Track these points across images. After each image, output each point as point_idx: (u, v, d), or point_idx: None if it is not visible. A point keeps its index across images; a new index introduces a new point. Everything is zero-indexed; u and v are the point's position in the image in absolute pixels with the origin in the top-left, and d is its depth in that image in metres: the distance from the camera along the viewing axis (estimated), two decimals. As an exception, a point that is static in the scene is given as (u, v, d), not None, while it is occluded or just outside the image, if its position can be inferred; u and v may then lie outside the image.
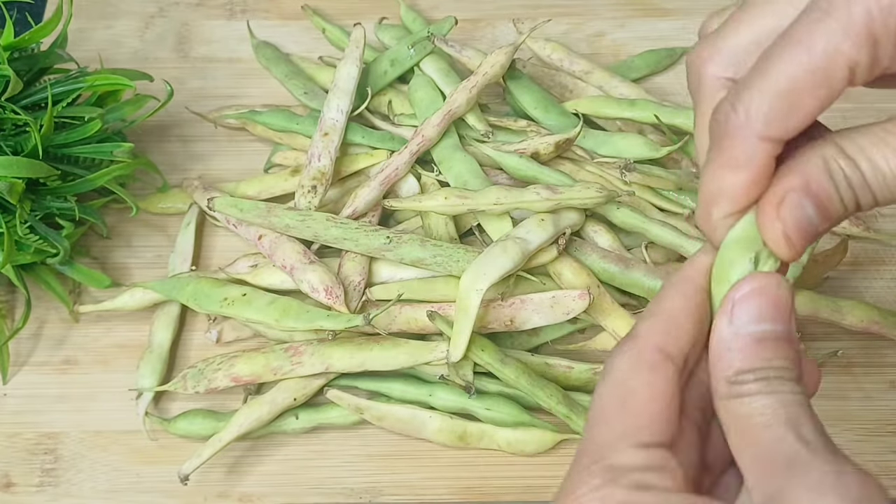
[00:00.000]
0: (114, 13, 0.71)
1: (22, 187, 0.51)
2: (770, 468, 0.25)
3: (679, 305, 0.29)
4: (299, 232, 0.55)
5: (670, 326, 0.29)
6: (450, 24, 0.64)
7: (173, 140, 0.65)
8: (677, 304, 0.29)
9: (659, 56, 0.68)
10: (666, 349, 0.29)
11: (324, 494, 0.52)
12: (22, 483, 0.52)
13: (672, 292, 0.30)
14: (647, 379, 0.28)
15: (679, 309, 0.29)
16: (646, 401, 0.28)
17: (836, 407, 0.54)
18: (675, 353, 0.29)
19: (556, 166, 0.58)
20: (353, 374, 0.53)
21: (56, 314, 0.58)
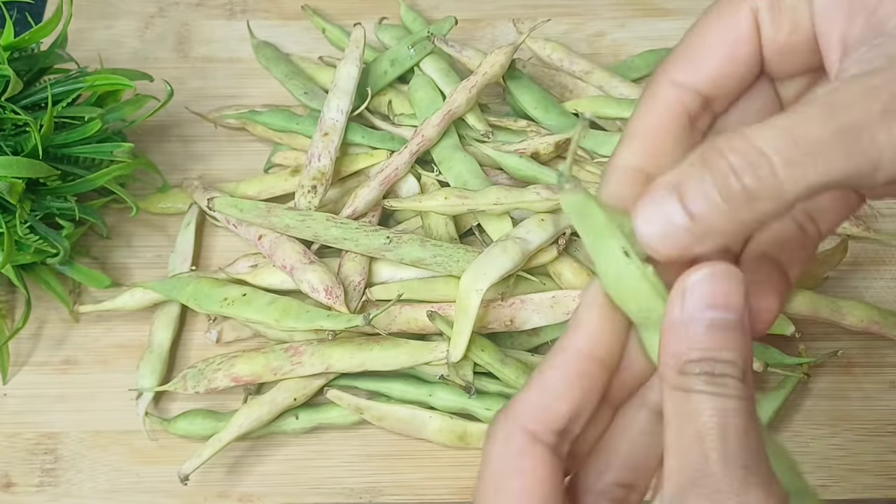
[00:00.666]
0: (114, 13, 0.71)
1: (22, 187, 0.51)
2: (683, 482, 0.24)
3: (554, 378, 0.27)
4: (299, 232, 0.55)
5: (542, 404, 0.27)
6: (450, 24, 0.64)
7: (173, 140, 0.65)
8: (553, 376, 0.27)
9: (659, 56, 0.68)
10: (536, 431, 0.26)
11: (324, 494, 0.52)
12: (22, 483, 0.52)
13: (549, 362, 0.28)
14: (518, 466, 0.26)
15: (555, 382, 0.27)
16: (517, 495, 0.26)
17: (836, 407, 0.54)
18: (547, 433, 0.27)
19: (556, 166, 0.58)
20: (353, 374, 0.53)
21: (56, 314, 0.58)
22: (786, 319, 0.54)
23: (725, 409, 0.25)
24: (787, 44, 0.28)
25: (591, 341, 0.27)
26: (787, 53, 0.28)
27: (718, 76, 0.29)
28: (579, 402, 0.27)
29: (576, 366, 0.27)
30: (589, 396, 0.27)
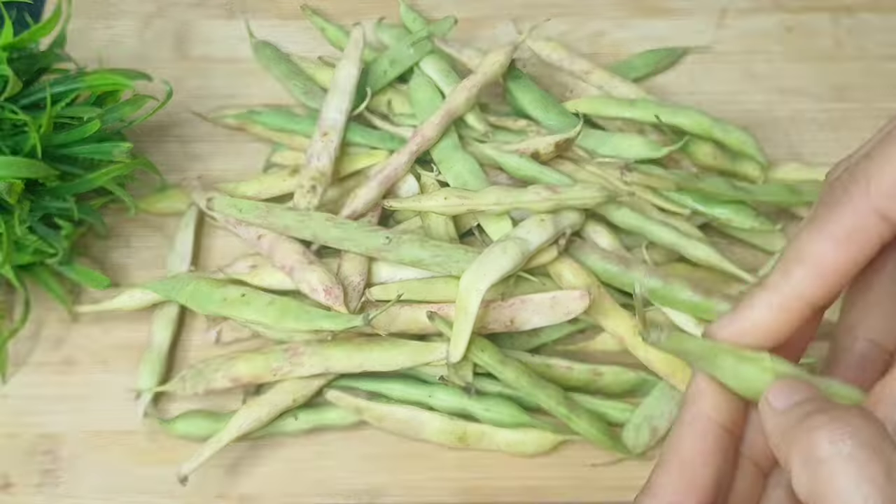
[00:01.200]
0: (113, 13, 0.71)
1: (21, 187, 0.51)
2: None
3: (692, 450, 0.26)
4: (298, 232, 0.54)
5: (686, 480, 0.26)
6: (450, 24, 0.64)
7: (172, 140, 0.65)
8: (690, 448, 0.26)
9: (659, 56, 0.68)
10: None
11: (323, 495, 0.52)
12: (21, 483, 0.52)
13: (680, 433, 0.27)
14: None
15: (693, 454, 0.26)
16: None
17: (837, 407, 0.54)
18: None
19: (556, 166, 0.58)
20: (352, 375, 0.53)
21: (55, 314, 0.58)
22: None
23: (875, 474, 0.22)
24: None
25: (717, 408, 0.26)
26: None
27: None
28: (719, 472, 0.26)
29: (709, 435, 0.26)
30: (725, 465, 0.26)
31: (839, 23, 0.70)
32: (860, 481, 0.22)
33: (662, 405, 0.52)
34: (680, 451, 0.26)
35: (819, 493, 0.23)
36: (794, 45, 0.69)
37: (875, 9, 0.70)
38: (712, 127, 0.58)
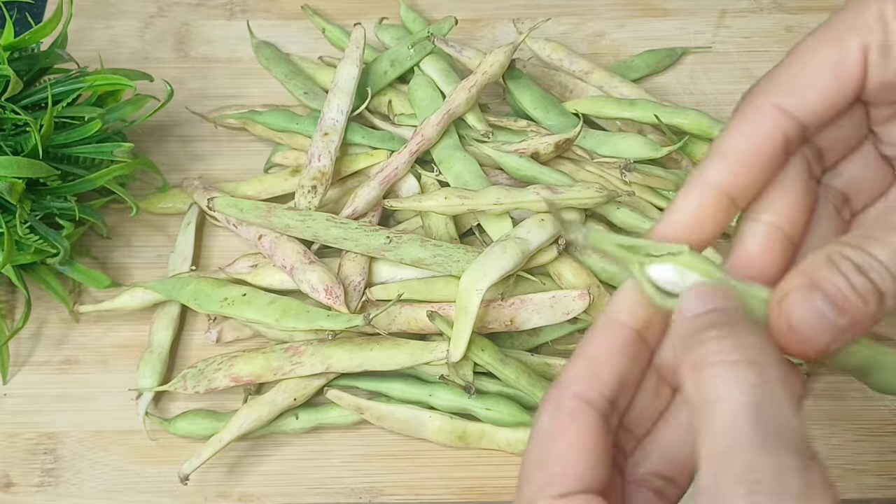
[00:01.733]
0: (114, 13, 0.71)
1: (22, 187, 0.51)
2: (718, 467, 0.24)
3: (599, 347, 0.29)
4: (299, 232, 0.55)
5: (589, 370, 0.28)
6: (450, 24, 0.64)
7: (173, 140, 0.65)
8: (598, 346, 0.29)
9: (659, 56, 0.68)
10: (585, 395, 0.28)
11: (324, 494, 0.52)
12: (22, 483, 0.52)
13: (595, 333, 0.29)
14: (566, 428, 0.28)
15: (600, 351, 0.29)
16: (564, 450, 0.27)
17: (836, 407, 0.54)
18: (596, 397, 0.28)
19: (556, 166, 0.58)
20: (353, 374, 0.53)
21: (56, 314, 0.58)
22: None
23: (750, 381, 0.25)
24: (892, 82, 0.29)
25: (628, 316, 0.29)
26: (890, 89, 0.29)
27: (822, 106, 0.29)
28: (624, 370, 0.28)
29: (618, 336, 0.29)
30: (632, 365, 0.29)
31: (839, 23, 0.70)
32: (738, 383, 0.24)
33: (662, 405, 0.52)
34: (588, 348, 0.29)
35: (702, 396, 0.25)
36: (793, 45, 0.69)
37: (875, 9, 0.70)
38: (712, 127, 0.58)
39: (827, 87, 0.28)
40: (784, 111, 0.29)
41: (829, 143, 0.31)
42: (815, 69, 0.29)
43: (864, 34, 0.28)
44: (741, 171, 0.29)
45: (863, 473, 0.52)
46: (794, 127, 0.29)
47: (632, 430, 0.30)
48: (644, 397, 0.30)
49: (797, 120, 0.29)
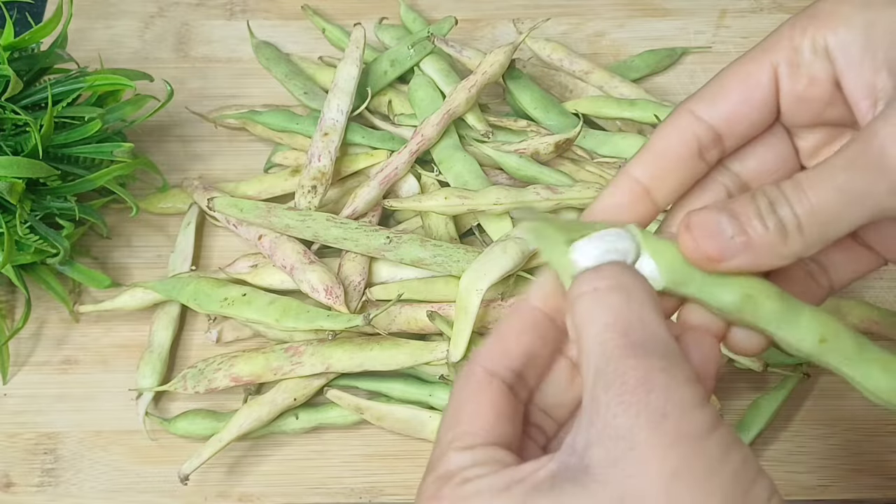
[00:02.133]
0: (114, 13, 0.71)
1: (22, 187, 0.51)
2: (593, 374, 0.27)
3: (511, 327, 0.32)
4: (299, 232, 0.55)
5: (498, 347, 0.31)
6: (450, 24, 0.64)
7: (173, 140, 0.65)
8: (509, 326, 0.32)
9: (659, 56, 0.68)
10: (492, 368, 0.31)
11: (324, 494, 0.52)
12: (22, 483, 0.52)
13: (508, 316, 0.33)
14: (473, 395, 0.30)
15: (510, 330, 0.32)
16: (470, 412, 0.30)
17: (836, 407, 0.54)
18: (501, 370, 0.31)
19: (556, 166, 0.58)
20: (353, 374, 0.53)
21: (56, 314, 0.58)
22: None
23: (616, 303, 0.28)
24: (803, 96, 0.32)
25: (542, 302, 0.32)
26: (803, 103, 0.32)
27: (732, 116, 0.32)
28: (530, 346, 0.32)
29: (528, 317, 0.32)
30: (540, 344, 0.32)
31: (839, 23, 0.70)
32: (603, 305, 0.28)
33: (662, 405, 0.52)
34: (500, 327, 0.32)
35: (577, 325, 0.29)
36: (793, 46, 0.69)
37: (875, 9, 0.70)
38: (712, 127, 0.58)
39: (737, 96, 0.32)
40: (696, 116, 0.32)
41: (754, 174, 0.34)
42: (729, 82, 0.33)
43: (775, 54, 0.32)
44: (657, 167, 0.33)
45: (863, 473, 0.52)
46: (706, 130, 0.32)
47: (550, 414, 0.33)
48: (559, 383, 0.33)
49: (708, 124, 0.32)
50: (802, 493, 0.51)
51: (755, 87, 0.32)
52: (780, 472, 0.52)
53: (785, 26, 0.32)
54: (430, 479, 0.29)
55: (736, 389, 0.54)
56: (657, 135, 0.33)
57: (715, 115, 0.32)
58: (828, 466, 0.52)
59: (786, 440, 0.53)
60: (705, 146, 0.33)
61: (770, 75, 0.32)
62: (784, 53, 0.32)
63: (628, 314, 0.28)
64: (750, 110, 0.32)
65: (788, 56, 0.32)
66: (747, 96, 0.32)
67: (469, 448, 0.29)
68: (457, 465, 0.29)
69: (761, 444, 0.52)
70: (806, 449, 0.53)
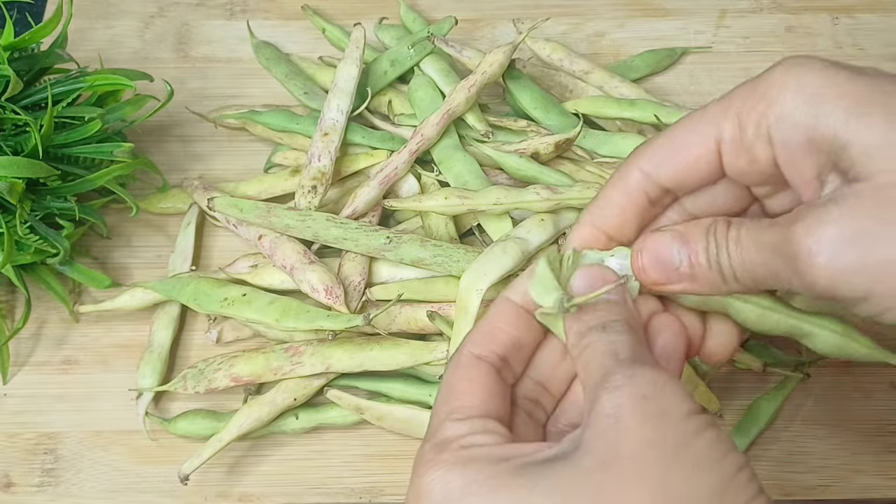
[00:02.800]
0: (114, 13, 0.71)
1: (22, 187, 0.51)
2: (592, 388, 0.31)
3: (494, 318, 0.35)
4: (299, 232, 0.55)
5: (485, 334, 0.35)
6: (450, 24, 0.64)
7: (173, 140, 0.65)
8: (493, 317, 0.35)
9: (659, 56, 0.68)
10: (479, 353, 0.34)
11: (324, 494, 0.52)
12: (22, 483, 0.52)
13: (490, 310, 0.36)
14: (463, 375, 0.34)
15: (494, 320, 0.35)
16: (462, 389, 0.33)
17: (836, 407, 0.54)
18: (488, 354, 0.34)
19: (556, 166, 0.58)
20: (353, 374, 0.53)
21: (56, 314, 0.58)
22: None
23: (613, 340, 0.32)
24: (745, 170, 0.34)
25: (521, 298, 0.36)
26: (746, 175, 0.34)
27: (679, 176, 0.35)
28: (514, 334, 0.35)
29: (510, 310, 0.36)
30: (523, 333, 0.35)
31: (839, 23, 0.70)
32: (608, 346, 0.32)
33: (662, 405, 0.52)
34: (485, 318, 0.36)
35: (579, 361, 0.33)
36: (793, 45, 0.69)
37: (875, 9, 0.70)
38: (712, 127, 0.58)
39: (683, 159, 0.35)
40: (645, 174, 0.35)
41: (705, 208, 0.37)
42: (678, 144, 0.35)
43: (720, 127, 0.33)
44: (613, 216, 0.36)
45: (863, 473, 0.52)
46: (655, 187, 0.35)
47: (548, 389, 0.36)
48: (552, 359, 0.36)
49: (656, 182, 0.35)
50: (802, 493, 0.51)
51: (701, 155, 0.34)
52: (780, 472, 0.52)
53: (736, 97, 0.33)
54: (428, 446, 0.32)
55: (736, 389, 0.54)
56: (610, 186, 0.36)
57: (663, 175, 0.35)
58: (828, 466, 0.52)
59: (786, 440, 0.53)
60: (655, 199, 0.36)
61: (714, 147, 0.34)
62: (729, 130, 0.33)
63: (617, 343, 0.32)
64: (697, 172, 0.35)
65: (733, 134, 0.33)
66: (694, 161, 0.34)
67: (466, 419, 0.32)
68: (454, 433, 0.32)
69: (761, 444, 0.52)
70: (806, 449, 0.53)
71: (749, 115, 0.33)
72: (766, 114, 0.32)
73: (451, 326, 0.50)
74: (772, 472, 0.52)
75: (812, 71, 0.31)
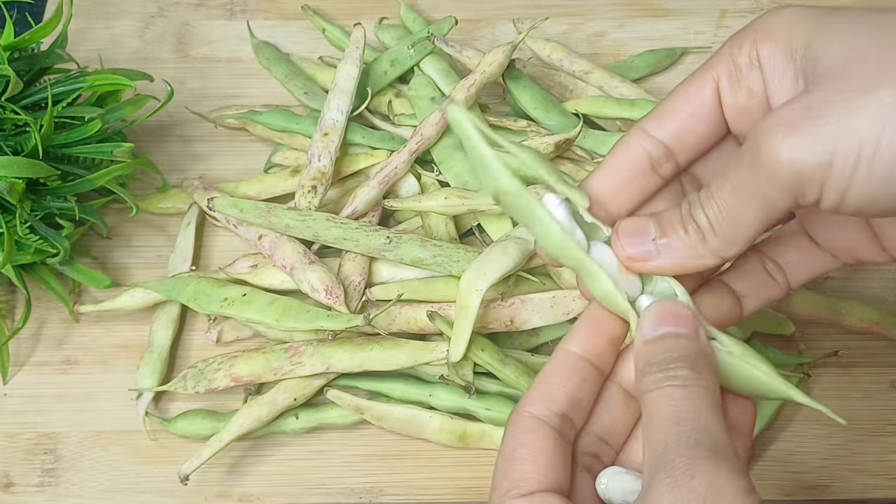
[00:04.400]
0: (114, 13, 0.71)
1: (22, 187, 0.51)
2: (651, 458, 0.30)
3: (552, 373, 0.34)
4: (299, 232, 0.55)
5: (542, 392, 0.34)
6: (450, 24, 0.64)
7: (173, 140, 0.65)
8: (551, 372, 0.34)
9: (659, 56, 0.68)
10: (539, 413, 0.33)
11: (324, 494, 0.52)
12: (22, 483, 0.52)
13: (548, 363, 0.35)
14: (525, 440, 0.33)
15: (552, 377, 0.34)
16: (522, 459, 0.32)
17: (837, 407, 0.53)
18: (548, 415, 0.33)
19: (557, 166, 0.58)
20: (353, 374, 0.53)
21: (56, 314, 0.58)
22: (786, 319, 0.54)
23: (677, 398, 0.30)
24: (745, 107, 0.34)
25: (581, 346, 0.35)
26: (746, 115, 0.34)
27: (680, 131, 0.35)
28: (574, 391, 0.34)
29: (569, 363, 0.34)
30: (583, 388, 0.34)
31: (839, 23, 0.70)
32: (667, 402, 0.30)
33: (662, 405, 0.52)
34: (542, 375, 0.34)
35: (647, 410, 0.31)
36: (793, 46, 0.69)
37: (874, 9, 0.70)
38: (712, 127, 0.58)
39: (683, 112, 0.34)
40: (647, 134, 0.35)
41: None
42: (676, 100, 0.35)
43: (716, 70, 0.34)
44: (610, 182, 0.35)
45: (863, 473, 0.52)
46: (656, 146, 0.35)
47: (608, 442, 0.35)
48: (612, 412, 0.35)
49: (658, 140, 0.35)
50: (802, 493, 0.51)
51: (700, 102, 0.34)
52: (780, 472, 0.52)
53: (726, 44, 0.34)
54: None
55: (736, 389, 0.54)
56: (611, 153, 0.36)
57: (664, 131, 0.35)
58: (828, 466, 0.52)
59: (786, 440, 0.53)
60: (657, 161, 0.35)
61: (713, 90, 0.34)
62: (724, 68, 0.34)
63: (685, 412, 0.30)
64: (697, 124, 0.34)
65: (729, 70, 0.34)
66: (693, 112, 0.34)
67: (526, 495, 0.31)
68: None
69: (761, 444, 0.52)
70: (806, 449, 0.53)
71: (741, 52, 0.33)
72: (756, 42, 0.33)
73: (451, 326, 0.50)
74: (772, 472, 0.52)
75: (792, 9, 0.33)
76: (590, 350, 0.34)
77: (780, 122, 0.29)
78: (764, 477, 0.52)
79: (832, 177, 0.29)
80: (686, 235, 0.33)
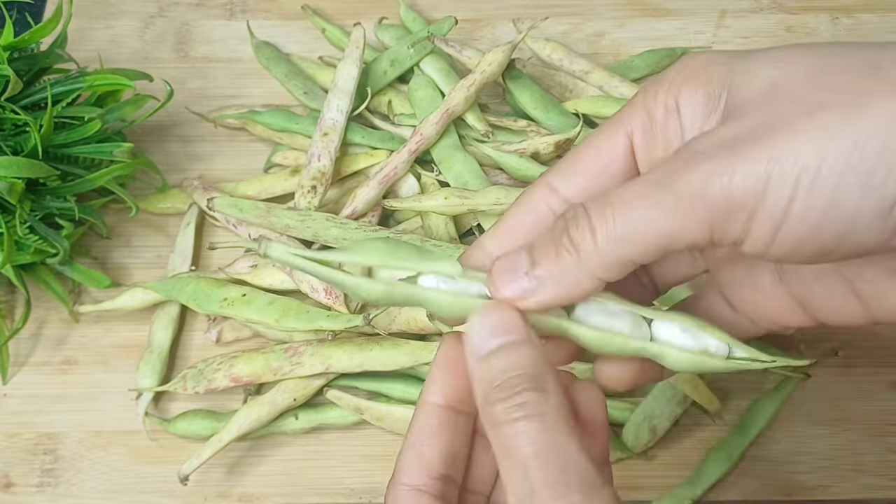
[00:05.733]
0: (114, 13, 0.71)
1: (22, 187, 0.51)
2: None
3: (420, 434, 0.32)
4: (299, 232, 0.55)
5: (415, 459, 0.31)
6: (450, 24, 0.64)
7: (173, 140, 0.65)
8: (418, 433, 0.32)
9: (659, 56, 0.68)
10: (416, 484, 0.31)
11: (324, 494, 0.52)
12: (22, 483, 0.52)
13: (414, 422, 0.32)
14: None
15: (421, 437, 0.32)
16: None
17: (837, 407, 0.54)
18: (426, 482, 0.31)
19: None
20: (352, 375, 0.53)
21: (56, 314, 0.58)
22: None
23: (533, 434, 0.28)
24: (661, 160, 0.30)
25: (443, 396, 0.32)
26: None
27: (589, 189, 0.32)
28: (447, 447, 0.31)
29: (436, 419, 0.32)
30: (456, 441, 0.32)
31: (839, 23, 0.70)
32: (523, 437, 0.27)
33: (662, 404, 0.52)
34: (411, 436, 0.32)
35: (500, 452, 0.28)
36: (793, 45, 0.69)
37: (874, 9, 0.70)
38: (712, 127, 0.58)
39: (593, 168, 0.32)
40: (552, 188, 0.32)
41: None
42: (585, 155, 0.32)
43: (630, 122, 0.31)
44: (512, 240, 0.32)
45: (863, 473, 0.52)
46: (561, 204, 0.32)
47: (478, 491, 0.33)
48: (481, 458, 0.33)
49: (563, 197, 0.32)
50: (803, 493, 0.51)
51: (611, 159, 0.32)
52: (780, 472, 0.52)
53: (639, 94, 0.32)
54: None
55: (736, 389, 0.54)
56: (512, 208, 0.33)
57: (571, 187, 0.32)
58: (828, 466, 0.52)
59: (786, 440, 0.53)
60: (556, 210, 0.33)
61: (626, 145, 0.32)
62: (639, 120, 0.31)
63: (545, 446, 0.28)
64: (607, 181, 0.32)
65: (643, 123, 0.31)
66: (603, 168, 0.32)
67: None
68: None
69: (761, 444, 0.52)
70: (806, 449, 0.53)
71: (656, 102, 0.31)
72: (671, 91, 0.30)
73: (450, 327, 0.50)
74: (772, 472, 0.52)
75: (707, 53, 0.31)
76: (452, 397, 0.32)
77: (710, 141, 0.27)
78: (764, 477, 0.52)
79: (765, 207, 0.26)
80: (558, 258, 0.29)
